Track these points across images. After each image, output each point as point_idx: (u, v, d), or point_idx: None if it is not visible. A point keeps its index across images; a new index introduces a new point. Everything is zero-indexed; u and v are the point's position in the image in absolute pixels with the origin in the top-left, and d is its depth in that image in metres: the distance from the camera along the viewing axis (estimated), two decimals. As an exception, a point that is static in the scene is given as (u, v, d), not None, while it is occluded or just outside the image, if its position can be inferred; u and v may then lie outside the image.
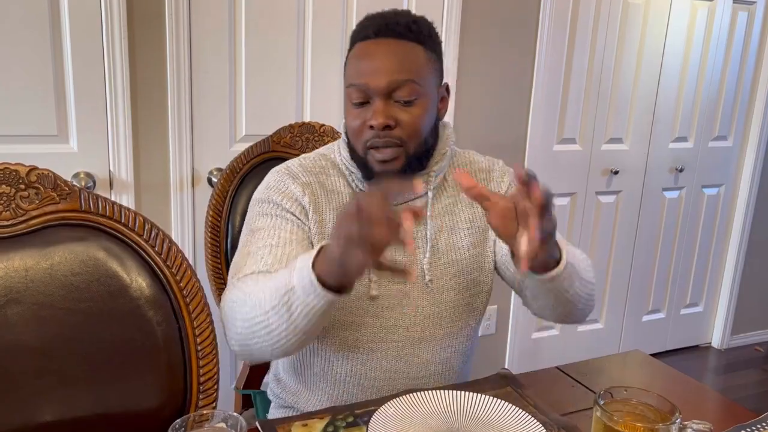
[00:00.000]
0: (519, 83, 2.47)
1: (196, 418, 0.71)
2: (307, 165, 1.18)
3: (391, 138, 1.07)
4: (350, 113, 1.10)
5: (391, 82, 1.05)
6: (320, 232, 1.13)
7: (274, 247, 1.07)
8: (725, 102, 2.99)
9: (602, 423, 0.75)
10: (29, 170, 0.93)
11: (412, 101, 1.07)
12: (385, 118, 1.05)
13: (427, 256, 1.16)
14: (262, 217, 1.13)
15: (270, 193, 1.14)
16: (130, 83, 1.80)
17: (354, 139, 1.11)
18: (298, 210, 1.13)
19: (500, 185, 1.25)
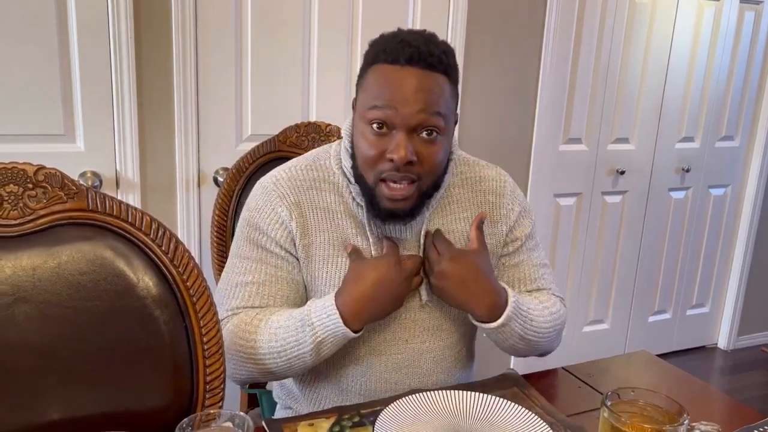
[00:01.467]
0: (525, 83, 2.46)
1: (203, 417, 0.72)
2: (297, 178, 1.12)
3: (409, 173, 1.02)
4: (366, 139, 1.03)
5: (419, 119, 0.99)
6: (307, 257, 1.11)
7: (261, 285, 1.11)
8: (732, 102, 2.98)
9: (609, 424, 0.74)
10: (37, 169, 0.93)
11: (434, 138, 1.02)
12: (408, 153, 0.99)
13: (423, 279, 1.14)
14: (250, 244, 1.12)
15: (258, 217, 1.11)
16: (136, 83, 1.81)
17: (365, 167, 1.05)
18: (285, 239, 1.10)
19: (510, 213, 1.20)
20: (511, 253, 1.21)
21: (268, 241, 1.11)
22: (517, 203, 1.22)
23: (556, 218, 2.71)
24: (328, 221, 1.11)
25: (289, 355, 1.05)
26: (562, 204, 2.71)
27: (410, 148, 1.00)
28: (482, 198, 1.19)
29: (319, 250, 1.11)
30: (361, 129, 1.05)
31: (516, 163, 2.52)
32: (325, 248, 1.11)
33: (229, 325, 1.09)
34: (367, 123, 1.02)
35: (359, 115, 1.05)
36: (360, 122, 1.05)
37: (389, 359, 1.14)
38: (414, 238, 1.14)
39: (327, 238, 1.11)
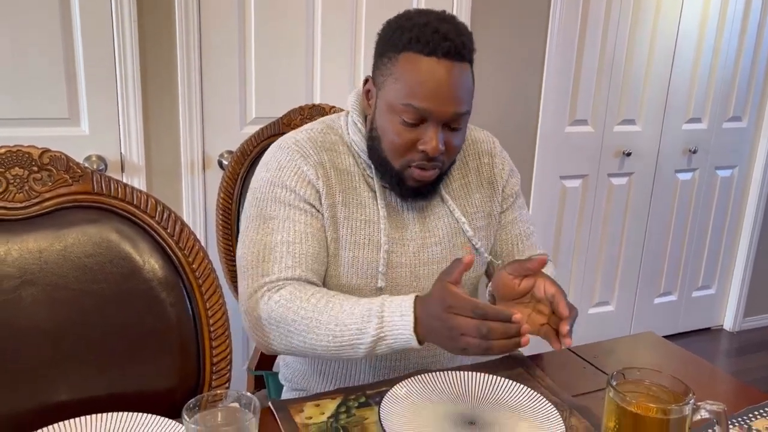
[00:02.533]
0: (531, 64, 2.44)
1: (210, 398, 0.72)
2: (317, 139, 1.13)
3: (438, 162, 1.07)
4: (395, 128, 1.04)
5: (456, 113, 1.03)
6: (331, 216, 1.10)
7: (292, 244, 1.06)
8: (740, 82, 2.95)
9: (615, 404, 0.75)
10: (42, 152, 0.93)
11: (461, 128, 1.07)
12: (440, 146, 1.03)
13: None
14: (275, 204, 1.09)
15: (283, 175, 1.09)
16: (140, 66, 1.80)
17: (393, 154, 1.07)
18: (313, 196, 1.09)
19: (502, 172, 1.25)
20: (506, 210, 1.26)
21: (296, 198, 1.08)
22: (506, 162, 1.27)
23: (562, 200, 2.70)
24: (346, 182, 1.12)
25: (345, 342, 0.99)
26: (567, 186, 2.70)
27: (442, 140, 1.03)
28: (478, 160, 1.24)
29: (339, 210, 1.11)
30: (389, 117, 1.05)
31: (522, 144, 2.51)
32: (345, 209, 1.11)
33: (276, 296, 1.03)
34: (399, 113, 1.03)
35: (387, 103, 1.05)
36: (388, 110, 1.05)
37: None
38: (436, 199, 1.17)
39: (344, 199, 1.11)
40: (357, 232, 1.11)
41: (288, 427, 0.92)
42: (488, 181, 1.23)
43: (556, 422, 0.93)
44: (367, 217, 1.12)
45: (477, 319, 0.87)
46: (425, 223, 1.16)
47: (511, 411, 0.97)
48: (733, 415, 1.00)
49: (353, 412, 0.97)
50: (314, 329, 0.99)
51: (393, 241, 1.13)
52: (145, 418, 0.88)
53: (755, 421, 0.99)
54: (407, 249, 1.14)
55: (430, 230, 1.16)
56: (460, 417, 0.95)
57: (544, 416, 0.95)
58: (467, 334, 0.87)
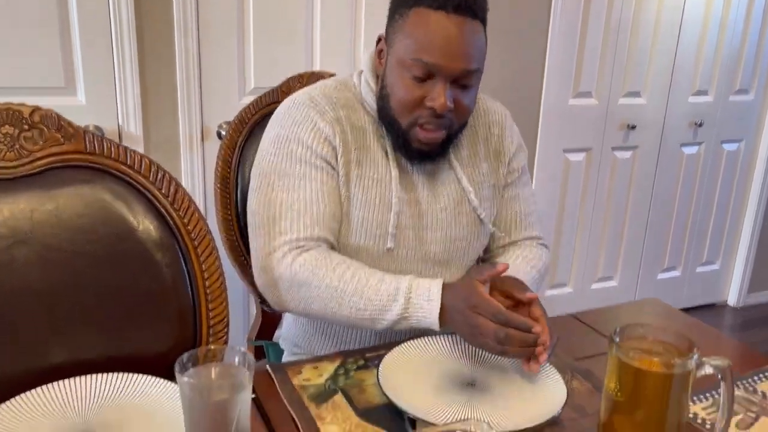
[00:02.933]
0: (534, 35, 2.40)
1: (204, 353, 0.70)
2: (332, 95, 1.10)
3: (446, 120, 1.04)
4: (404, 84, 1.02)
5: (464, 69, 1.00)
6: (345, 174, 1.08)
7: (309, 202, 1.04)
8: (747, 54, 2.90)
9: (617, 359, 0.73)
10: (32, 110, 0.91)
11: (471, 86, 1.04)
12: (448, 102, 1.01)
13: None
14: (291, 160, 1.06)
15: (299, 131, 1.06)
16: (136, 35, 1.77)
17: (401, 110, 1.04)
18: (330, 153, 1.07)
19: (510, 145, 1.23)
20: (509, 184, 1.23)
21: (312, 155, 1.06)
22: (515, 135, 1.25)
23: (566, 174, 2.67)
24: (361, 140, 1.10)
25: (367, 316, 1.00)
26: (571, 159, 2.67)
27: (450, 97, 1.01)
28: (488, 130, 1.21)
29: (353, 168, 1.09)
30: (399, 73, 1.03)
31: (525, 117, 2.48)
32: (358, 167, 1.09)
33: (300, 259, 1.02)
34: (408, 69, 1.01)
35: (397, 59, 1.03)
36: (398, 66, 1.03)
37: None
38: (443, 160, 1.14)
39: (359, 157, 1.09)
40: (369, 192, 1.09)
41: (285, 388, 0.91)
42: (495, 153, 1.21)
43: (557, 384, 0.92)
44: (379, 177, 1.10)
45: (497, 324, 0.90)
46: (433, 187, 1.14)
47: (511, 373, 0.96)
48: (739, 377, 0.98)
49: (351, 374, 0.95)
50: (338, 299, 1.01)
51: (403, 202, 1.11)
52: (141, 379, 0.87)
53: (761, 383, 0.97)
54: (414, 211, 1.12)
55: (436, 195, 1.14)
56: (460, 378, 0.94)
57: (546, 378, 0.94)
58: (486, 336, 0.91)
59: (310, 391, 0.90)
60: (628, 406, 0.75)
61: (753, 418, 0.89)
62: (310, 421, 0.84)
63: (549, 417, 0.84)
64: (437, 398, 0.89)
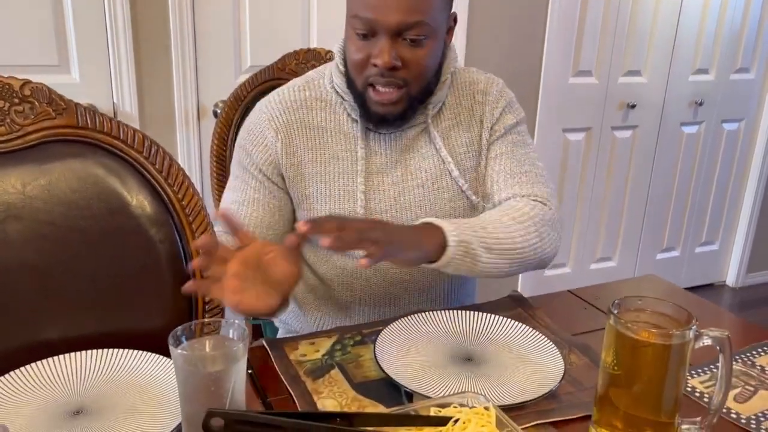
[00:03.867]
0: (533, 12, 2.38)
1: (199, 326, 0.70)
2: (289, 99, 1.12)
3: (394, 78, 1.01)
4: (353, 44, 1.03)
5: (401, 22, 0.97)
6: (297, 174, 1.11)
7: (241, 204, 1.10)
8: (748, 32, 2.87)
9: (614, 331, 0.72)
10: (23, 84, 0.90)
11: (420, 41, 1.00)
12: (391, 59, 0.98)
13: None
14: (238, 165, 1.14)
15: (246, 139, 1.13)
16: (130, 11, 1.75)
17: (354, 72, 1.05)
18: (266, 162, 1.10)
19: (494, 110, 1.16)
20: (493, 143, 1.16)
21: (251, 164, 1.12)
22: (503, 99, 1.18)
23: (565, 154, 2.66)
24: (317, 139, 1.11)
25: None
26: (570, 139, 2.65)
27: (393, 53, 0.99)
28: (472, 99, 1.17)
29: (307, 167, 1.10)
30: (348, 34, 1.04)
31: (524, 96, 2.46)
32: (314, 165, 1.10)
33: None
34: (352, 28, 1.02)
35: (347, 21, 1.05)
36: (348, 27, 1.04)
37: (388, 272, 1.13)
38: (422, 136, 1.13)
39: (315, 156, 1.11)
40: (332, 185, 1.10)
41: (282, 363, 0.90)
42: (479, 120, 1.16)
43: (555, 358, 0.91)
44: (341, 170, 1.10)
45: None
46: (408, 164, 1.12)
47: (508, 348, 0.96)
48: (738, 351, 0.98)
49: (348, 349, 0.95)
50: None
51: (371, 188, 1.10)
52: (135, 354, 0.86)
53: (759, 357, 0.97)
54: (387, 194, 1.11)
55: (413, 172, 1.12)
56: (457, 353, 0.94)
57: (543, 352, 0.93)
58: None
59: (306, 366, 0.90)
60: (625, 379, 0.74)
61: (751, 391, 0.88)
62: (306, 395, 0.83)
63: (546, 391, 0.83)
64: (434, 372, 0.88)
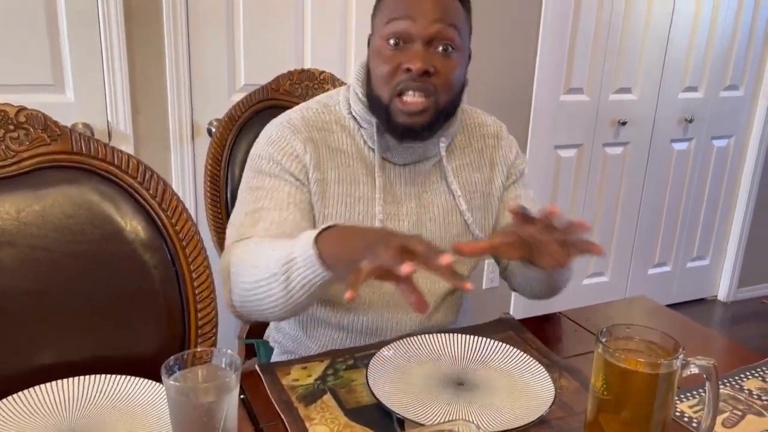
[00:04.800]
0: (525, 30, 2.40)
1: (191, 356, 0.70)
2: (310, 118, 1.12)
3: (425, 84, 1.02)
4: (383, 56, 1.04)
5: (435, 29, 1.01)
6: (321, 191, 1.09)
7: (272, 210, 1.05)
8: (737, 50, 2.91)
9: (603, 359, 0.73)
10: (18, 110, 0.90)
11: (450, 53, 1.03)
12: (425, 63, 1.00)
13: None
14: (261, 175, 1.09)
15: (271, 149, 1.09)
16: (125, 31, 1.76)
17: (382, 83, 1.05)
18: (299, 169, 1.08)
19: (508, 155, 1.22)
20: (509, 186, 1.23)
21: (282, 171, 1.08)
22: (513, 145, 1.25)
23: (556, 170, 2.68)
24: (340, 159, 1.11)
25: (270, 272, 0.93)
26: (562, 155, 2.67)
27: (428, 60, 1.01)
28: (482, 142, 1.21)
29: (330, 186, 1.10)
30: (378, 47, 1.05)
31: (516, 113, 2.48)
32: (337, 186, 1.10)
33: (234, 252, 1.01)
34: (385, 39, 1.03)
35: (377, 35, 1.06)
36: (377, 41, 1.06)
37: (391, 298, 1.14)
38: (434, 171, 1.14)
39: (338, 176, 1.10)
40: (352, 209, 1.10)
41: (274, 389, 0.91)
42: (490, 162, 1.21)
43: (545, 383, 0.92)
44: (361, 195, 1.11)
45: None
46: (422, 198, 1.14)
47: (499, 372, 0.96)
48: (726, 374, 0.99)
49: (341, 374, 0.96)
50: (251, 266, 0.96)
51: (389, 217, 1.11)
52: (129, 380, 0.86)
53: (747, 381, 0.98)
54: (402, 224, 1.13)
55: (426, 206, 1.14)
56: (448, 378, 0.94)
57: (533, 377, 0.94)
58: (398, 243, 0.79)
59: (299, 392, 0.90)
60: (614, 405, 0.75)
61: (739, 416, 0.89)
62: (299, 422, 0.84)
63: (536, 417, 0.84)
64: (426, 398, 0.89)
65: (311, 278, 0.89)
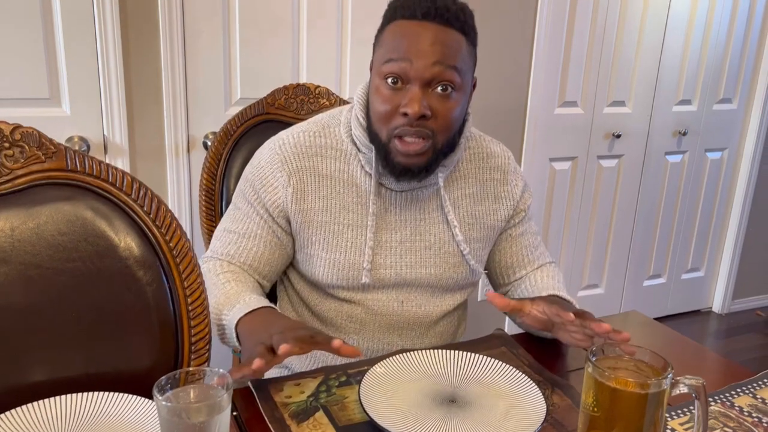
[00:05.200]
0: (520, 44, 2.42)
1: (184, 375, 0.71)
2: (303, 144, 1.12)
3: (423, 128, 1.01)
4: (380, 94, 1.03)
5: (434, 71, 0.99)
6: (305, 221, 1.11)
7: (241, 236, 1.13)
8: (730, 64, 2.94)
9: (593, 379, 0.74)
10: (13, 128, 0.91)
11: (449, 94, 1.02)
12: (422, 107, 0.99)
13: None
14: (243, 198, 1.15)
15: (256, 177, 1.13)
16: (122, 45, 1.77)
17: (380, 123, 1.04)
18: (273, 205, 1.11)
19: (515, 191, 1.22)
20: (516, 224, 1.24)
21: (257, 202, 1.13)
22: (520, 179, 1.24)
23: (551, 182, 2.69)
24: (327, 188, 1.11)
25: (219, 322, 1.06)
26: (557, 168, 2.69)
27: (424, 102, 1.00)
28: (488, 175, 1.20)
29: (316, 215, 1.11)
30: (376, 84, 1.04)
31: (511, 126, 2.50)
32: (322, 214, 1.11)
33: (205, 266, 1.13)
34: (382, 78, 1.02)
35: (375, 72, 1.05)
36: (375, 78, 1.05)
37: (382, 319, 1.15)
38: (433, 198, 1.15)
39: (324, 205, 1.11)
40: (339, 236, 1.11)
41: (267, 406, 0.91)
42: (494, 196, 1.20)
43: (537, 400, 0.93)
44: (350, 222, 1.11)
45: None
46: (418, 225, 1.14)
47: (491, 389, 0.97)
48: (717, 391, 0.99)
49: (333, 391, 0.96)
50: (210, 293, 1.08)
51: (379, 244, 1.12)
52: (122, 398, 0.86)
53: (738, 397, 0.98)
54: (395, 252, 1.13)
55: (421, 234, 1.14)
56: (441, 395, 0.95)
57: (525, 394, 0.94)
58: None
59: (291, 409, 0.91)
60: (604, 422, 0.76)
61: (729, 433, 0.90)
62: (291, 440, 0.84)
63: (528, 434, 0.85)
64: (419, 415, 0.89)
65: (233, 344, 1.03)
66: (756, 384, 1.02)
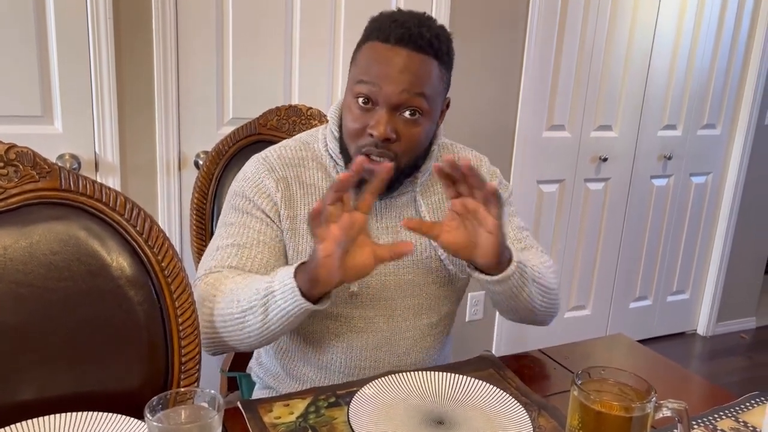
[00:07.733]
0: (508, 69, 2.46)
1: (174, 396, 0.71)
2: (286, 156, 1.16)
3: (387, 150, 1.05)
4: (352, 112, 1.07)
5: (401, 98, 1.02)
6: (292, 228, 1.13)
7: (241, 247, 1.10)
8: (714, 90, 3.00)
9: (578, 402, 0.75)
10: (8, 148, 0.92)
11: (416, 119, 1.05)
12: (387, 131, 1.02)
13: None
14: (235, 211, 1.14)
15: (245, 186, 1.14)
16: (115, 63, 1.79)
17: (349, 139, 1.09)
18: (269, 207, 1.12)
19: None
20: None
21: (253, 207, 1.13)
22: (495, 174, 1.26)
23: (539, 205, 2.72)
24: (312, 196, 1.14)
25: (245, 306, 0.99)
26: (544, 191, 2.72)
27: (390, 126, 1.03)
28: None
29: (303, 223, 1.13)
30: (348, 102, 1.08)
31: (499, 149, 2.53)
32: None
33: (203, 282, 1.07)
34: (354, 96, 1.06)
35: (348, 88, 1.09)
36: (348, 95, 1.08)
37: (369, 337, 1.15)
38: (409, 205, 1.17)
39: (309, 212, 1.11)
40: None
41: (256, 426, 0.92)
42: None
43: (523, 423, 0.94)
44: None
45: None
46: (398, 233, 1.16)
47: (479, 411, 0.98)
48: (699, 414, 1.01)
49: (322, 412, 0.96)
50: (224, 299, 1.02)
51: None
52: (111, 418, 0.87)
53: (720, 421, 1.00)
54: None
55: (402, 240, 1.15)
56: (429, 417, 0.96)
57: (513, 416, 0.95)
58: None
59: (280, 430, 0.91)
60: (590, 446, 0.77)
61: (712, 456, 0.91)
62: (280, 461, 0.84)
63: (515, 456, 0.85)
64: (406, 437, 0.90)
65: (289, 309, 0.95)
66: (738, 408, 1.04)
